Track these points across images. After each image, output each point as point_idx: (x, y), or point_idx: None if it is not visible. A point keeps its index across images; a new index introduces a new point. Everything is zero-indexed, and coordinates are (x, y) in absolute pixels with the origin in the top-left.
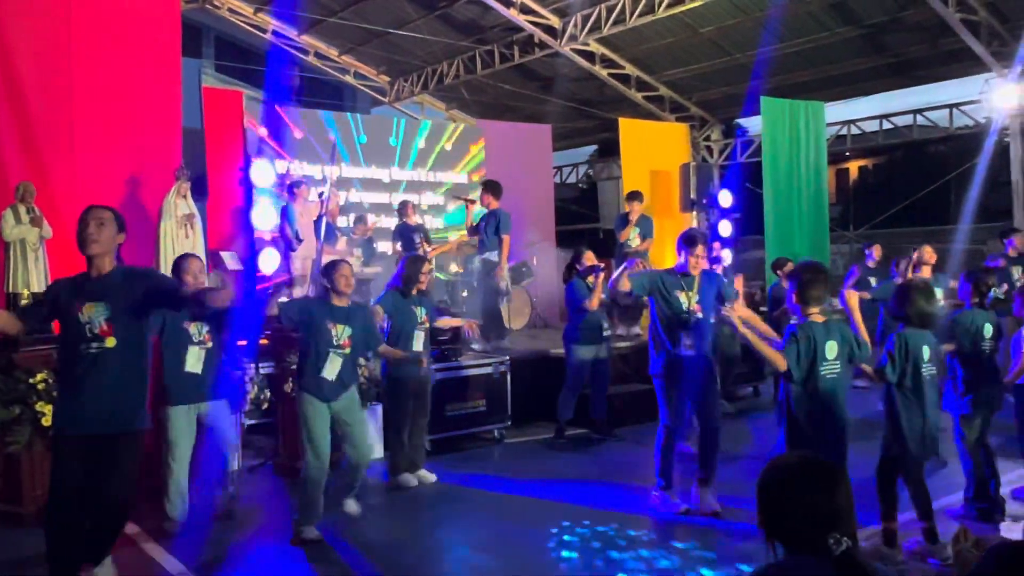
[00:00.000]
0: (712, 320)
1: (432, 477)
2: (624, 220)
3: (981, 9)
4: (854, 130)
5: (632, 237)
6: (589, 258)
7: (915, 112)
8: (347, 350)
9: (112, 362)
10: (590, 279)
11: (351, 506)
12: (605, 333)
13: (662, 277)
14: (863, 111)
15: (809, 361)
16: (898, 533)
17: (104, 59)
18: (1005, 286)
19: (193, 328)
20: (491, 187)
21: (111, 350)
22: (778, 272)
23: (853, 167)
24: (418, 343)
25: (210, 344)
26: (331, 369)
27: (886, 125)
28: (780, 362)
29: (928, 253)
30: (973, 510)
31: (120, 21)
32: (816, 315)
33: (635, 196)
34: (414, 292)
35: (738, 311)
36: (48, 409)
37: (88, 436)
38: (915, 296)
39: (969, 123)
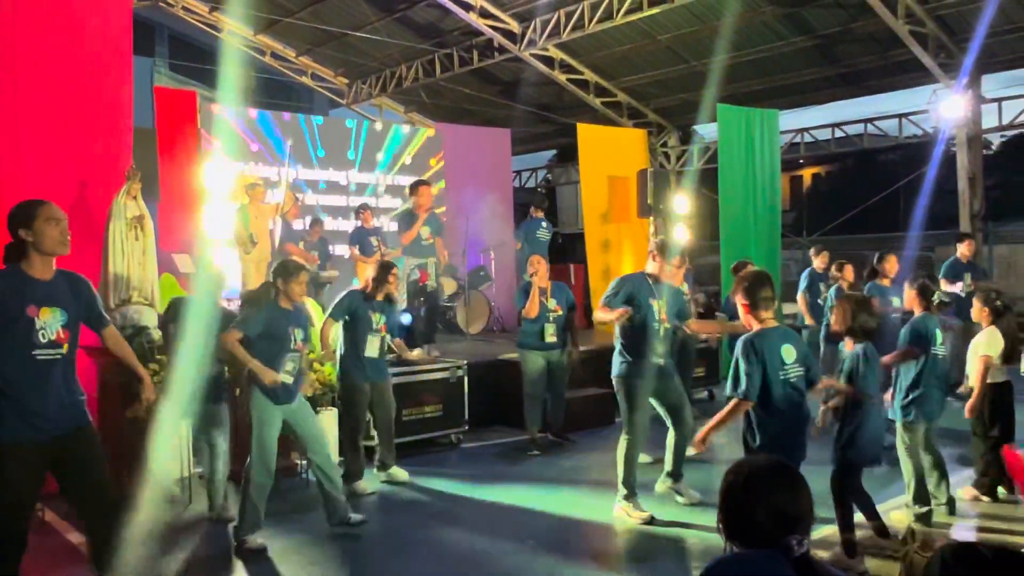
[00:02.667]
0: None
1: (404, 474)
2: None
3: (929, 22)
4: (807, 138)
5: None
6: (531, 264)
7: (866, 121)
8: (302, 352)
9: (66, 368)
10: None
11: (355, 516)
12: (550, 340)
13: (640, 285)
14: (816, 119)
15: (762, 371)
16: (856, 542)
17: (52, 55)
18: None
19: None
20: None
21: (65, 356)
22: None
23: (806, 174)
24: (372, 348)
25: None
26: (288, 372)
27: (838, 133)
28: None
29: (890, 263)
30: (914, 512)
31: (69, 16)
32: (769, 320)
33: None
34: (379, 297)
35: (693, 327)
36: None
37: (45, 443)
38: (857, 310)
39: (918, 132)
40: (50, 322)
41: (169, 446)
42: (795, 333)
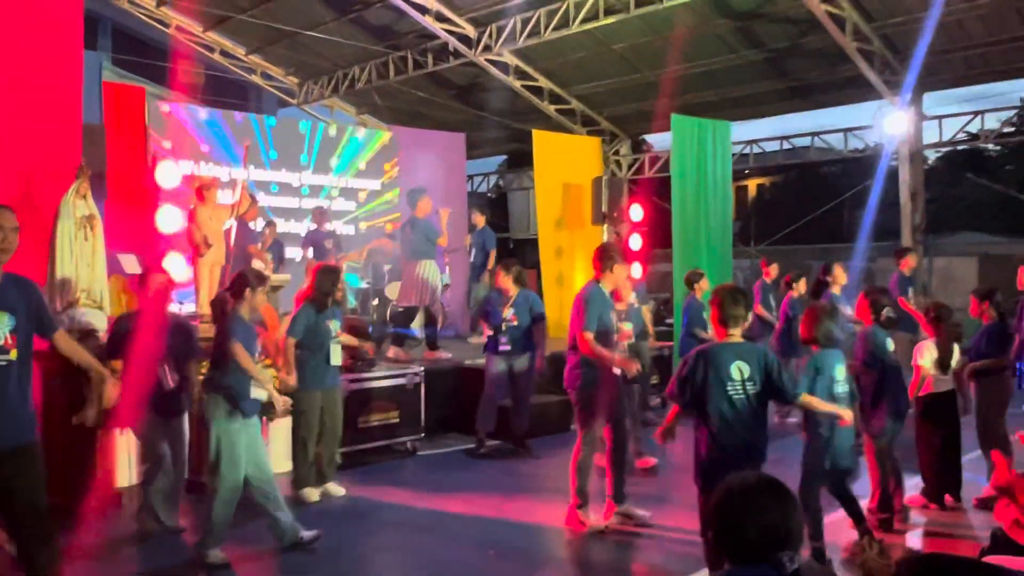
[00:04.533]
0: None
1: (340, 491)
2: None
3: (876, 40)
4: (755, 149)
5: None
6: (501, 276)
7: (812, 134)
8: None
9: (14, 375)
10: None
11: (306, 533)
12: (505, 348)
13: (604, 302)
14: (764, 131)
15: (703, 382)
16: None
17: None
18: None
19: None
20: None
21: (14, 363)
22: (693, 286)
23: (751, 184)
24: (336, 357)
25: None
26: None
27: (785, 146)
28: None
29: (839, 272)
30: (875, 519)
31: (15, 10)
32: (735, 336)
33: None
34: (329, 304)
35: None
36: None
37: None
38: (822, 318)
39: (862, 147)
40: None
41: (116, 455)
42: (758, 350)
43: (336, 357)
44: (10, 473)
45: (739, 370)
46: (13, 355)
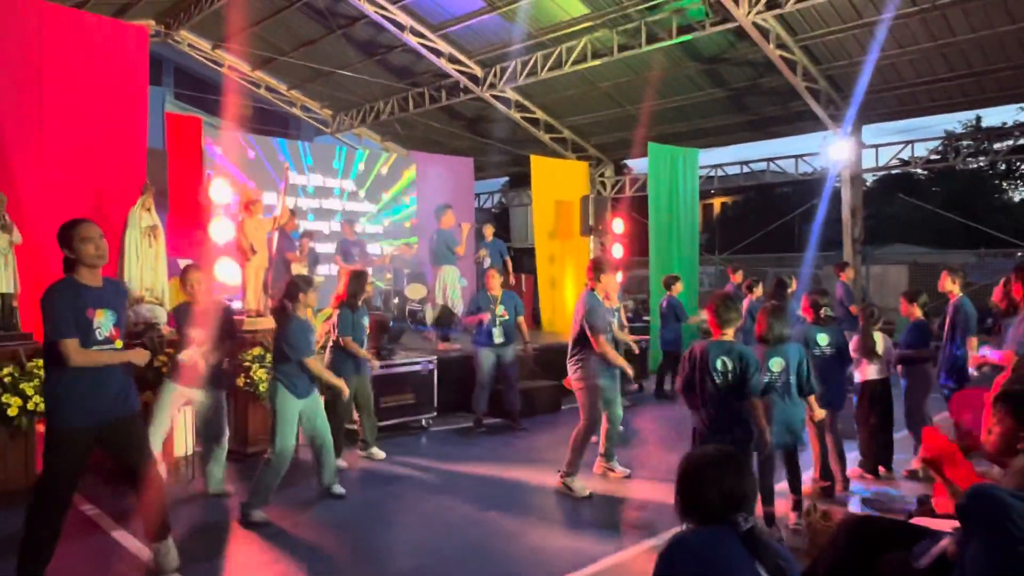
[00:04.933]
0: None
1: (382, 454)
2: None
3: (822, 80)
4: (720, 173)
5: (484, 258)
6: (489, 277)
7: (768, 160)
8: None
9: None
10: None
11: (338, 488)
12: (498, 341)
13: (601, 304)
14: (727, 158)
15: (693, 372)
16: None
17: (76, 83)
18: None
19: None
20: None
21: (120, 351)
22: (670, 287)
23: (716, 203)
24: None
25: None
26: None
27: (745, 170)
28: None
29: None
30: (818, 487)
31: (92, 48)
32: (727, 335)
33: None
34: (360, 304)
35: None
36: (15, 400)
37: (101, 425)
38: (771, 320)
39: (810, 170)
40: (103, 322)
41: (175, 428)
42: (738, 349)
43: (364, 348)
44: (124, 435)
45: (723, 363)
46: (118, 345)
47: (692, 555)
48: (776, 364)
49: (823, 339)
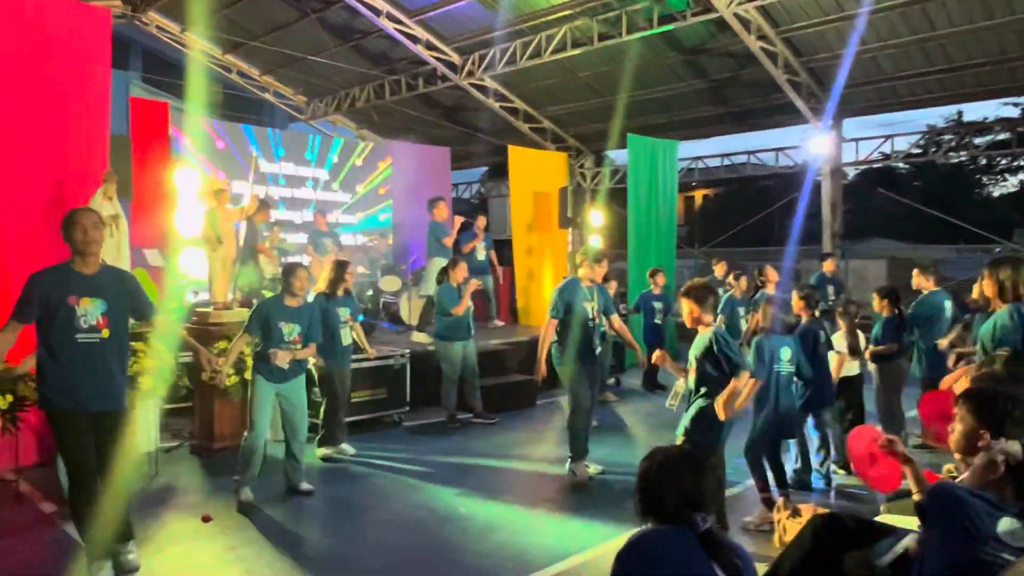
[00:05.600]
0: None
1: (352, 449)
2: (473, 235)
3: (803, 73)
4: (700, 165)
5: (479, 249)
6: (461, 271)
7: (749, 153)
8: (297, 346)
9: (106, 351)
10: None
11: (304, 485)
12: (472, 332)
13: (574, 291)
14: (708, 150)
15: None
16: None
17: (30, 66)
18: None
19: None
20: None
21: (106, 340)
22: (652, 279)
23: (697, 195)
24: (346, 338)
25: None
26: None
27: (726, 162)
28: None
29: (771, 272)
30: (798, 479)
31: (49, 31)
32: (708, 325)
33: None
34: (339, 293)
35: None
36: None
37: (92, 413)
38: (776, 311)
39: (791, 164)
40: (90, 310)
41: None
42: (708, 335)
43: (346, 338)
44: (98, 432)
45: (695, 347)
46: (105, 334)
47: (649, 554)
48: (786, 353)
49: (821, 335)
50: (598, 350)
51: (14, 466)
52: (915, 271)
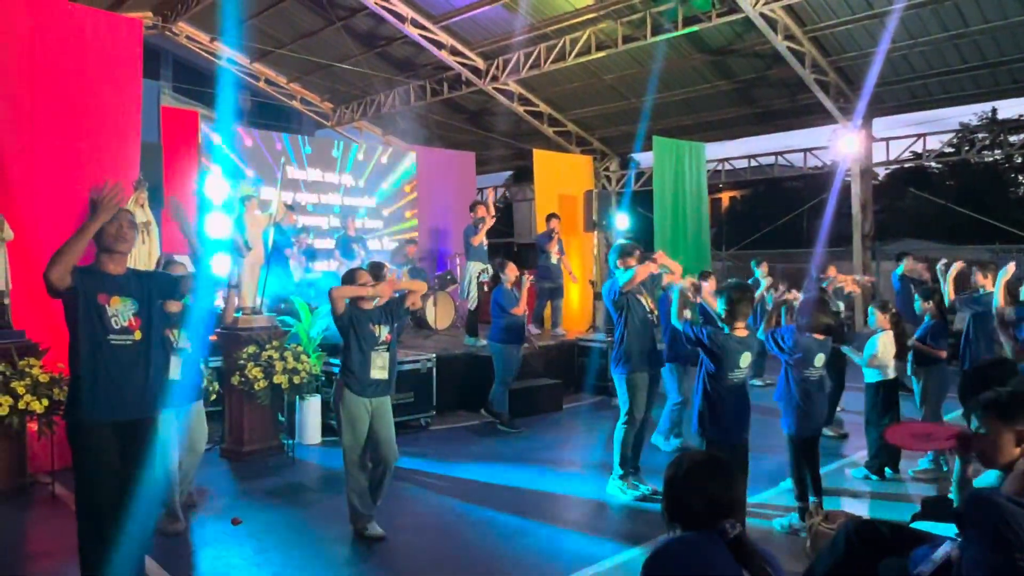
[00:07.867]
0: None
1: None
2: (548, 236)
3: (831, 72)
4: (727, 166)
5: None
6: (512, 270)
7: (776, 154)
8: (387, 345)
9: (139, 354)
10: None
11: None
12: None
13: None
14: (734, 151)
15: (717, 364)
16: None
17: (65, 76)
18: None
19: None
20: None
21: (138, 343)
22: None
23: (724, 197)
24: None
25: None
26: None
27: (753, 163)
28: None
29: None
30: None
31: (84, 41)
32: (740, 329)
33: (555, 215)
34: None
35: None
36: (5, 400)
37: (121, 422)
38: (819, 311)
39: (820, 164)
40: (121, 310)
41: None
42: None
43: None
44: (126, 442)
45: (746, 359)
46: (137, 336)
47: (678, 561)
48: (819, 360)
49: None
50: (659, 347)
51: (50, 469)
52: (974, 269)
